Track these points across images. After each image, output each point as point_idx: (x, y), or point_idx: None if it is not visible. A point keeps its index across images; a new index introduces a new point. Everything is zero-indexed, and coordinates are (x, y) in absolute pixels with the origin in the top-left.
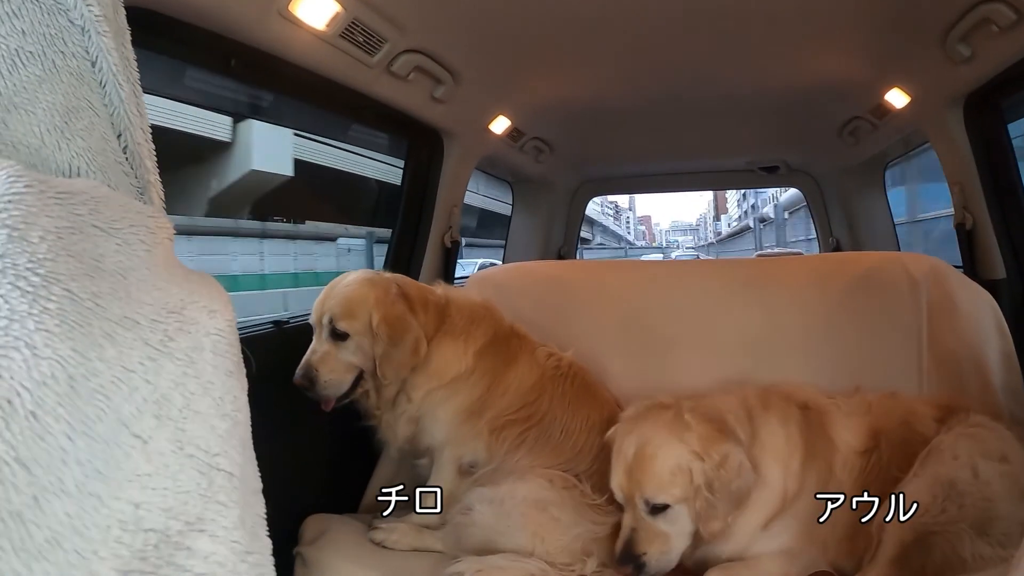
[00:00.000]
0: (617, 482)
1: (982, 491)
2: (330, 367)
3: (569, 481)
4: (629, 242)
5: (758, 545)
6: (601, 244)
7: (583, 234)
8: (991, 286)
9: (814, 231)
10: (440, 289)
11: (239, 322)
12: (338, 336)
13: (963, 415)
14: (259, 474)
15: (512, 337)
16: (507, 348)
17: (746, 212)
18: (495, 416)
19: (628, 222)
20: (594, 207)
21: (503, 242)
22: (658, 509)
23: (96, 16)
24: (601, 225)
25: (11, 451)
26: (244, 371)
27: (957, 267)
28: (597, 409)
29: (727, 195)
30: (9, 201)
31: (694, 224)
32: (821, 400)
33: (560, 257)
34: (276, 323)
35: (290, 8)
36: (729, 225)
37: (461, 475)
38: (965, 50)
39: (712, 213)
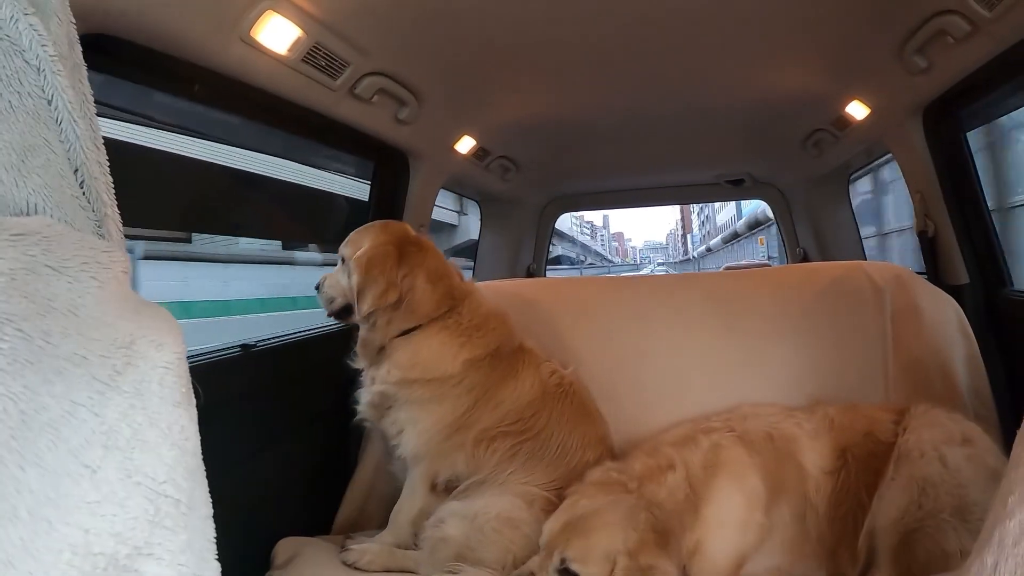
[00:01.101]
0: (549, 527)
1: (954, 478)
2: (330, 282)
3: (551, 504)
4: (609, 260)
5: (751, 566)
6: (592, 264)
7: (575, 254)
8: (954, 291)
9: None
10: (470, 285)
11: (207, 348)
12: (343, 260)
13: (913, 410)
14: (209, 500)
15: (518, 353)
16: (508, 363)
17: (708, 233)
18: (484, 428)
19: (603, 239)
20: (572, 226)
21: None
22: (568, 573)
23: (51, 56)
24: (590, 248)
25: None
26: (193, 401)
27: (921, 274)
28: (593, 427)
29: (692, 215)
30: None
31: (664, 243)
32: (785, 426)
33: (529, 275)
34: (244, 346)
35: (252, 33)
36: (693, 244)
37: (436, 494)
38: (922, 61)
39: (680, 232)
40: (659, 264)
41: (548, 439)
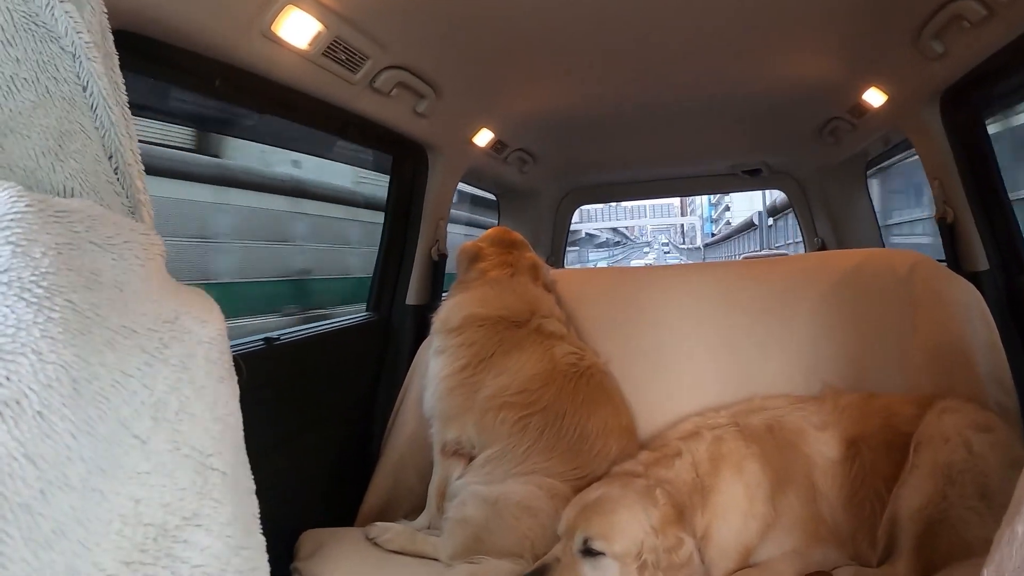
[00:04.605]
0: (567, 514)
1: (978, 466)
2: None
3: (571, 497)
4: (627, 237)
5: (765, 550)
6: (619, 242)
7: (616, 238)
8: (974, 278)
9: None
10: (533, 270)
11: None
12: None
13: (936, 401)
14: (251, 476)
15: (532, 332)
16: (514, 335)
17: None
18: (490, 395)
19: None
20: (599, 208)
21: None
22: (591, 553)
23: (86, 43)
24: (619, 231)
25: (20, 447)
26: (235, 378)
27: (940, 261)
28: (615, 414)
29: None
30: (12, 220)
31: (665, 226)
32: (789, 418)
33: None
34: (267, 340)
35: (272, 28)
36: (686, 227)
37: (450, 458)
38: (938, 47)
39: (678, 208)
40: (663, 244)
41: (560, 418)
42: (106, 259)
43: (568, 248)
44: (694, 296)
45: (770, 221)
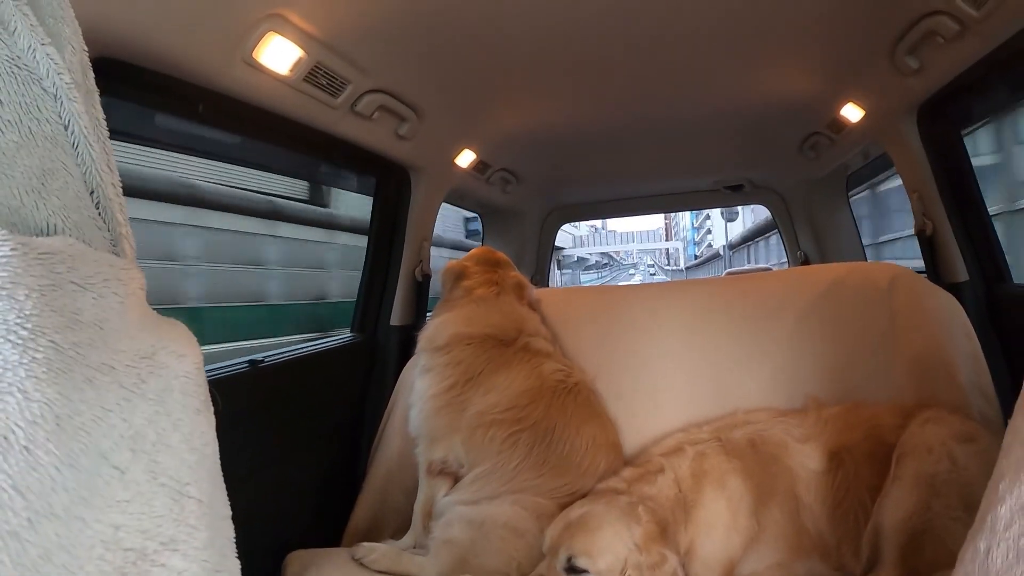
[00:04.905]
0: (551, 532)
1: (961, 476)
2: None
3: (553, 514)
4: (614, 258)
5: (749, 565)
6: (606, 263)
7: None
8: (954, 289)
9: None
10: (518, 290)
11: (216, 362)
12: None
13: (919, 411)
14: (228, 502)
15: (519, 351)
16: (502, 354)
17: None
18: (479, 413)
19: (601, 238)
20: (589, 234)
21: None
22: (575, 570)
23: (67, 83)
24: (607, 255)
25: (8, 480)
26: (212, 409)
27: (920, 272)
28: (602, 430)
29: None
30: None
31: (651, 250)
32: (770, 432)
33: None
34: (251, 362)
35: (254, 55)
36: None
37: (436, 477)
38: (913, 62)
39: (664, 233)
40: (649, 265)
41: (550, 433)
42: (87, 298)
43: (561, 271)
44: (678, 313)
45: (731, 253)
